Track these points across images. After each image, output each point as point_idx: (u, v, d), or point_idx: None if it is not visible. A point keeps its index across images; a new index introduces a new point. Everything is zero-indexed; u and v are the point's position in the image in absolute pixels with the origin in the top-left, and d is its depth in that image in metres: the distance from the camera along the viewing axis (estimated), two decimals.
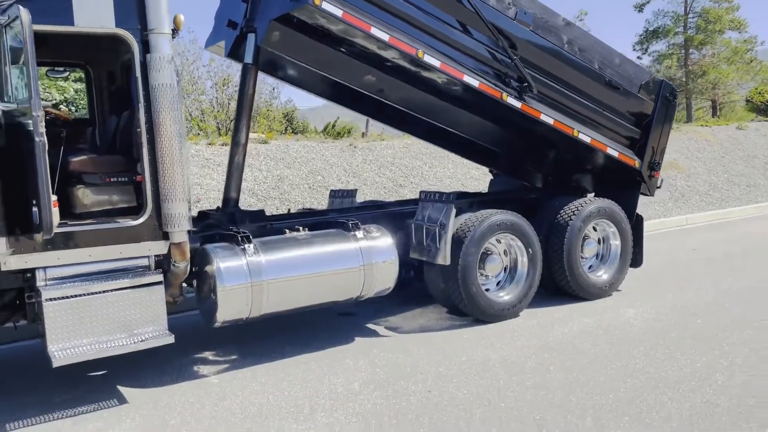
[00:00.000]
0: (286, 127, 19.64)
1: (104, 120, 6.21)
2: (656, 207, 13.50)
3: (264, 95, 19.31)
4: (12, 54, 4.30)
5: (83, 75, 6.64)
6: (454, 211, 6.23)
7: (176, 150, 4.74)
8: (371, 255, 5.79)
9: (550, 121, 6.71)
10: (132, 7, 4.66)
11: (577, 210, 7.05)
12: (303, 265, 5.51)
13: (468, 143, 7.67)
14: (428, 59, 5.94)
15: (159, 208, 4.84)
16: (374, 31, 5.64)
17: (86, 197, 5.05)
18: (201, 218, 6.05)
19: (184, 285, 5.36)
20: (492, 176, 9.14)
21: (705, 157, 17.05)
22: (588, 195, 7.86)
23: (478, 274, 6.37)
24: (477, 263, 6.32)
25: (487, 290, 6.52)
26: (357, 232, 5.85)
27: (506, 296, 6.58)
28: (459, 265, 6.18)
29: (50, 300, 4.50)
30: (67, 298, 4.56)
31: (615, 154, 7.29)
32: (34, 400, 4.89)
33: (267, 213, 7.89)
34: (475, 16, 6.16)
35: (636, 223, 7.61)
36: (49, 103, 6.03)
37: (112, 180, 5.09)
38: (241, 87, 6.31)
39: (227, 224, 5.86)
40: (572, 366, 5.14)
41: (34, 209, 4.17)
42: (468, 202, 6.90)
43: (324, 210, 7.55)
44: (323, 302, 5.70)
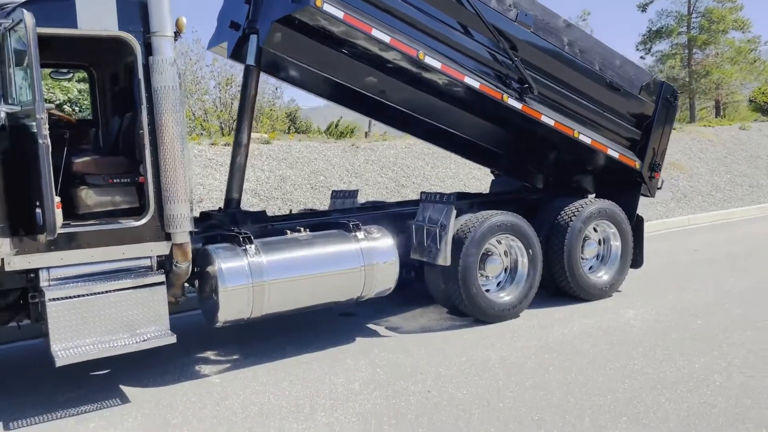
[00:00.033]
0: (289, 127, 19.64)
1: (107, 121, 6.26)
2: (658, 207, 13.50)
3: (267, 95, 19.30)
4: (16, 57, 4.33)
5: (86, 76, 6.68)
6: (455, 212, 6.26)
7: (178, 151, 4.79)
8: (372, 256, 5.82)
9: (551, 123, 6.73)
10: (135, 10, 4.70)
11: (578, 211, 7.07)
12: (304, 266, 5.54)
13: (469, 144, 7.69)
14: (429, 61, 5.97)
15: (161, 209, 4.88)
16: (375, 33, 5.66)
17: (89, 198, 5.09)
18: (203, 219, 6.09)
19: (186, 285, 5.39)
20: (493, 177, 9.16)
21: (708, 158, 17.03)
22: (589, 196, 7.88)
23: (479, 275, 6.40)
24: (477, 264, 6.35)
25: (488, 291, 6.55)
26: (358, 233, 5.88)
27: (506, 297, 6.61)
28: (459, 266, 6.21)
29: (53, 300, 4.54)
30: (70, 298, 4.60)
31: (615, 155, 7.31)
32: (37, 399, 4.94)
33: (269, 213, 7.94)
34: (476, 18, 6.18)
35: (636, 224, 7.63)
36: (53, 105, 6.06)
37: (115, 181, 5.14)
38: (243, 88, 6.34)
39: (229, 225, 5.90)
40: (571, 366, 5.17)
41: (38, 210, 4.22)
42: (468, 203, 6.93)
43: (325, 211, 7.59)
44: (324, 303, 5.74)
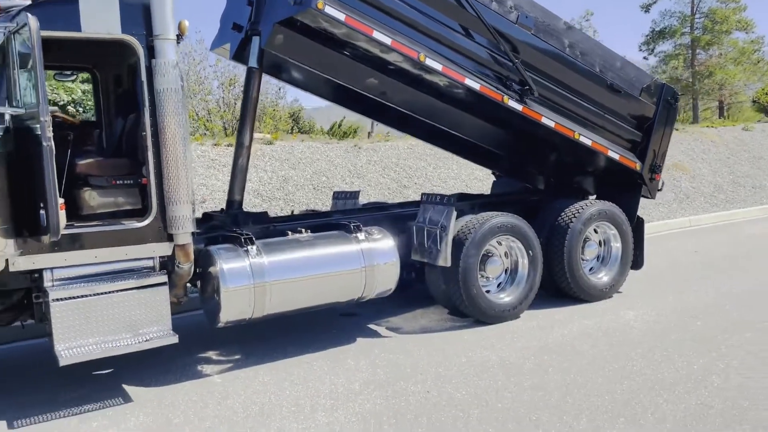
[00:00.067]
0: (293, 127, 19.68)
1: (110, 122, 6.31)
2: (660, 208, 13.51)
3: (270, 95, 19.33)
4: (20, 59, 4.38)
5: (90, 78, 6.74)
6: (455, 214, 6.29)
7: (180, 153, 4.83)
8: (373, 257, 5.86)
9: (552, 124, 6.76)
10: (138, 14, 4.75)
11: (578, 212, 7.09)
12: (305, 267, 5.58)
13: (470, 145, 7.72)
14: (430, 62, 6.00)
15: (164, 211, 4.93)
16: (376, 35, 5.70)
17: (92, 199, 5.13)
18: (205, 220, 6.13)
19: (188, 285, 5.44)
20: (494, 178, 9.20)
21: (710, 159, 17.02)
22: (589, 197, 7.90)
23: (479, 276, 6.43)
24: (478, 265, 6.38)
25: (488, 292, 6.58)
26: (359, 234, 5.92)
27: (507, 298, 6.63)
28: (460, 267, 6.24)
29: (57, 300, 4.59)
30: (74, 299, 4.65)
31: (616, 157, 7.33)
32: (41, 399, 4.99)
33: (271, 214, 7.99)
34: (477, 20, 6.21)
35: (637, 226, 7.65)
36: (57, 108, 6.11)
37: (118, 183, 5.18)
38: (246, 90, 6.37)
39: (231, 226, 5.93)
40: (570, 367, 5.20)
41: (42, 212, 4.26)
42: (469, 204, 6.97)
43: (327, 211, 7.62)
44: (325, 303, 5.78)
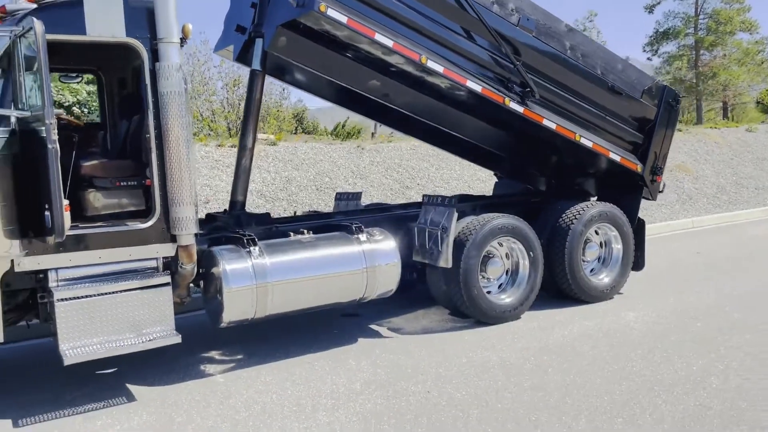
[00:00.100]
0: (296, 128, 19.73)
1: (115, 124, 6.37)
2: (663, 210, 13.52)
3: (274, 96, 19.40)
4: (26, 63, 4.43)
5: (95, 80, 6.79)
6: (456, 215, 6.33)
7: (184, 155, 4.88)
8: (374, 258, 5.90)
9: (553, 126, 6.79)
10: (142, 17, 4.81)
11: (579, 214, 7.12)
12: (307, 268, 5.62)
13: (471, 147, 7.76)
14: (431, 65, 6.04)
15: (167, 212, 4.98)
16: (378, 37, 5.74)
17: (97, 201, 5.20)
18: (208, 221, 6.19)
19: (191, 286, 5.49)
20: (496, 179, 9.23)
21: (713, 160, 17.02)
22: (591, 199, 7.92)
23: (480, 277, 6.47)
24: (478, 266, 6.42)
25: (489, 293, 6.61)
26: (360, 235, 5.96)
27: (508, 299, 6.67)
28: (461, 268, 6.28)
29: (62, 300, 4.65)
30: (78, 299, 4.71)
31: (617, 159, 7.36)
32: (45, 397, 5.05)
33: (274, 215, 8.03)
34: (478, 23, 6.24)
35: (638, 227, 7.68)
36: (62, 111, 6.17)
37: (122, 184, 5.24)
38: (249, 92, 6.42)
39: (233, 227, 5.98)
40: (570, 368, 5.23)
41: (47, 213, 4.32)
42: (471, 206, 7.00)
43: (329, 213, 7.67)
44: (327, 304, 5.82)
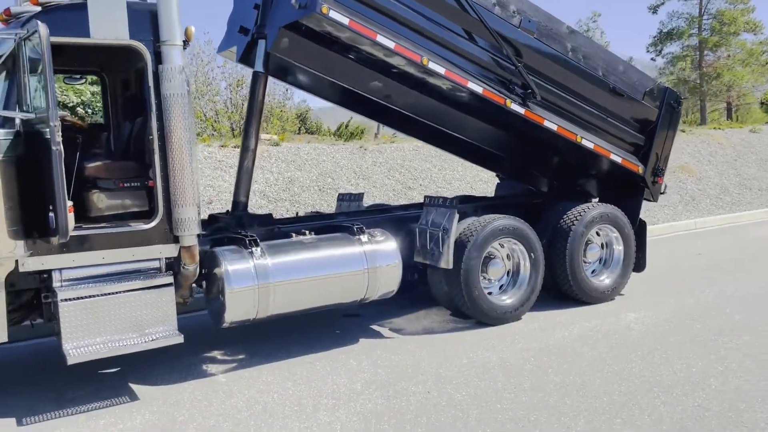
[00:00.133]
0: (300, 128, 19.76)
1: (118, 125, 6.41)
2: (666, 210, 13.51)
3: (278, 96, 19.45)
4: (30, 65, 4.48)
5: (99, 81, 6.84)
6: (457, 216, 6.35)
7: (186, 157, 4.93)
8: (375, 259, 5.94)
9: (554, 128, 6.82)
10: (145, 20, 4.85)
11: (580, 215, 7.14)
12: (308, 268, 5.66)
13: (473, 148, 7.78)
14: (433, 66, 6.07)
15: (170, 213, 5.02)
16: (380, 39, 5.76)
17: (100, 201, 5.24)
18: (211, 221, 6.23)
19: (194, 286, 5.54)
20: (498, 180, 9.25)
21: (717, 161, 17.00)
22: (592, 200, 7.94)
23: (481, 278, 6.49)
24: (479, 267, 6.44)
25: (490, 293, 6.63)
26: (362, 236, 6.00)
27: (508, 300, 6.69)
28: (462, 269, 6.31)
29: (65, 300, 4.69)
30: (82, 299, 4.75)
31: (618, 160, 7.38)
32: (49, 396, 5.09)
33: (276, 215, 8.07)
34: (480, 24, 6.27)
35: (639, 229, 7.70)
36: (66, 113, 6.22)
37: (125, 185, 5.29)
38: (252, 94, 6.47)
39: (236, 228, 6.02)
40: (570, 369, 5.25)
41: (51, 214, 4.36)
42: (472, 207, 7.03)
43: (331, 214, 7.70)
44: (328, 304, 5.86)
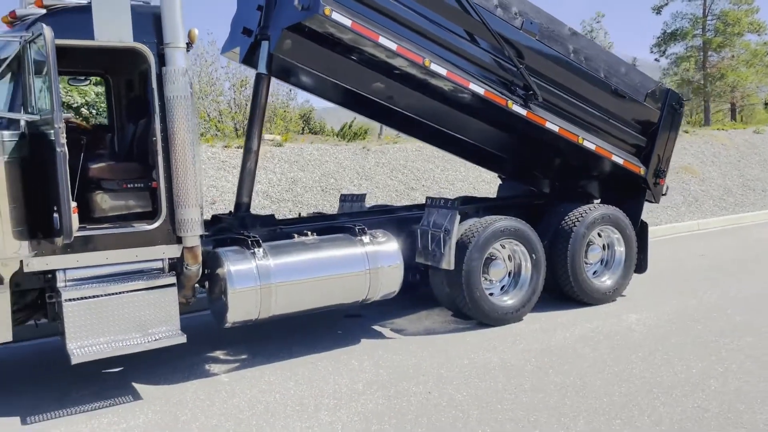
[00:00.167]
0: (303, 128, 19.80)
1: (122, 127, 6.46)
2: (668, 211, 13.51)
3: (281, 96, 19.50)
4: (35, 68, 4.52)
5: (103, 82, 6.89)
6: (458, 217, 6.38)
7: (189, 158, 4.96)
8: (377, 259, 5.97)
9: (555, 129, 6.83)
10: (149, 23, 4.89)
11: (582, 216, 7.15)
12: (310, 269, 5.69)
13: (475, 149, 7.81)
14: (435, 67, 6.09)
15: (173, 214, 5.06)
16: (382, 41, 5.79)
17: (104, 202, 5.29)
18: (213, 222, 6.26)
19: (197, 286, 5.57)
20: (500, 181, 9.27)
21: (720, 162, 16.97)
22: (594, 201, 7.96)
23: (482, 279, 6.52)
24: (481, 268, 6.47)
25: (491, 294, 6.65)
26: (363, 237, 6.03)
27: (510, 301, 6.71)
28: (463, 270, 6.33)
29: (69, 300, 4.74)
30: (86, 299, 4.79)
31: (620, 162, 7.39)
32: (53, 395, 5.14)
33: (279, 215, 8.11)
34: (482, 26, 6.29)
35: (640, 230, 7.70)
36: (71, 115, 6.26)
37: (129, 186, 5.34)
38: (254, 96, 6.49)
39: (238, 228, 6.05)
40: (570, 370, 5.27)
41: (55, 215, 4.40)
42: (473, 208, 7.05)
43: (333, 214, 7.73)
44: (330, 305, 5.89)
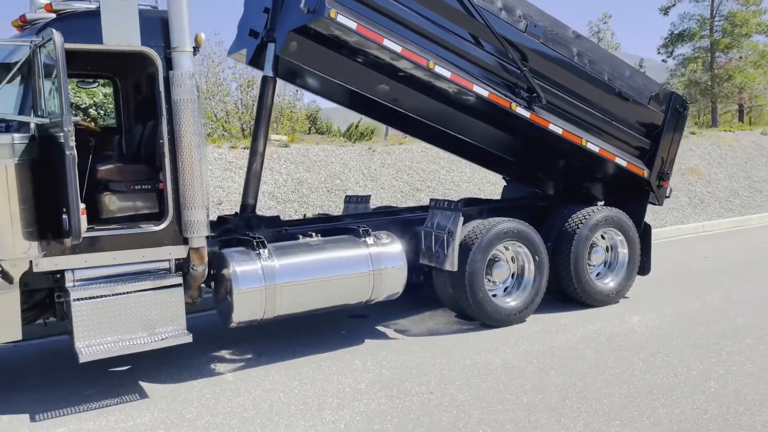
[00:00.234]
0: (310, 128, 19.89)
1: (130, 129, 6.54)
2: (674, 213, 13.51)
3: (288, 97, 19.61)
4: (45, 72, 4.60)
5: (111, 85, 6.97)
6: (462, 219, 6.43)
7: (196, 160, 5.04)
8: (381, 261, 6.03)
9: (559, 131, 6.87)
10: (156, 27, 4.98)
11: (585, 218, 7.19)
12: (315, 270, 5.76)
13: (479, 150, 7.83)
14: (439, 70, 6.14)
15: (179, 215, 5.14)
16: (387, 43, 5.85)
17: (112, 203, 5.37)
18: (219, 223, 6.34)
19: (203, 287, 5.65)
20: (505, 182, 9.30)
21: (727, 163, 16.93)
22: (597, 203, 7.99)
23: (486, 280, 6.57)
24: (484, 269, 6.52)
25: (494, 296, 6.70)
26: (367, 239, 6.08)
27: (513, 302, 6.76)
28: (466, 271, 6.38)
29: (78, 300, 4.82)
30: (94, 298, 4.88)
31: (624, 164, 7.42)
32: (62, 394, 5.22)
33: (285, 216, 8.18)
34: (486, 29, 6.34)
35: (644, 232, 7.73)
36: (79, 118, 6.35)
37: (136, 187, 5.41)
38: (260, 97, 6.56)
39: (244, 229, 6.13)
40: (572, 371, 5.32)
41: (64, 216, 4.49)
42: (477, 210, 7.09)
43: (338, 216, 7.79)
44: (334, 305, 5.96)
